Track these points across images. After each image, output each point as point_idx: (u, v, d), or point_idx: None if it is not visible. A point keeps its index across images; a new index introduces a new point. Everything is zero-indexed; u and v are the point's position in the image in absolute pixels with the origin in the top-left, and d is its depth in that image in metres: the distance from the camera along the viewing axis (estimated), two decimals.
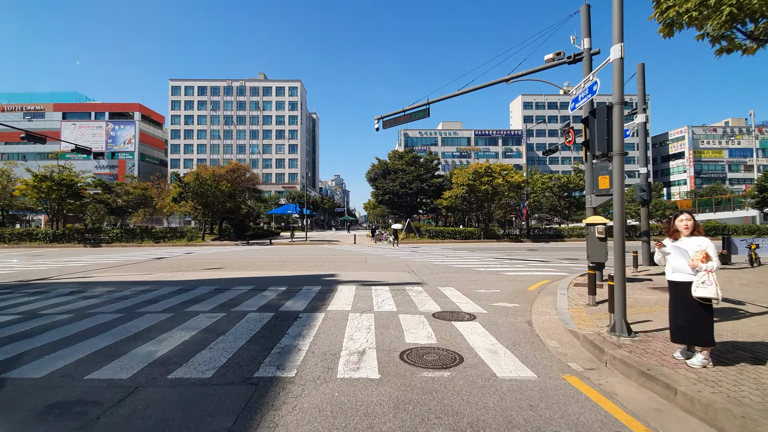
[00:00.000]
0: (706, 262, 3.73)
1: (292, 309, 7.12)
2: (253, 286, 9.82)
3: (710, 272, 3.72)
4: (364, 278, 11.26)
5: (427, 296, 8.47)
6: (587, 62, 10.97)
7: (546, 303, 7.82)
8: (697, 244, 3.89)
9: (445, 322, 6.25)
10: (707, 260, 3.74)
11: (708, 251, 3.78)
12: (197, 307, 7.36)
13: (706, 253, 3.77)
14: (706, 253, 3.77)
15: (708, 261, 3.74)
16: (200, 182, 29.60)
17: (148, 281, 11.03)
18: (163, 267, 14.53)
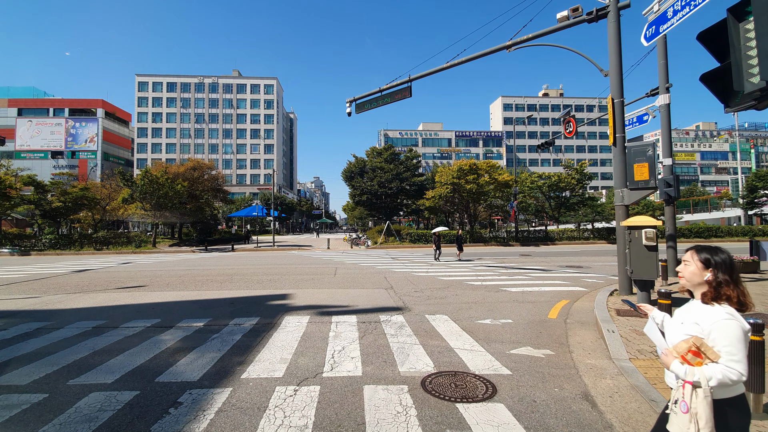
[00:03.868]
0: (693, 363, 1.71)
1: (180, 378, 4.15)
2: (158, 320, 6.75)
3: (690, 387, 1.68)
4: (326, 301, 8.37)
5: (411, 335, 5.68)
6: (614, 18, 8.51)
7: (590, 347, 5.17)
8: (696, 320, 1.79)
9: (446, 405, 3.47)
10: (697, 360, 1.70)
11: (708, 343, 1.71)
12: (10, 377, 4.29)
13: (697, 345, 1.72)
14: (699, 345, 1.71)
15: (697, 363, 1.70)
16: (150, 181, 25.85)
17: (7, 311, 7.77)
18: (66, 286, 11.16)
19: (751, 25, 2.97)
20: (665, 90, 11.19)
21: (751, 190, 35.35)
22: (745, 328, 1.73)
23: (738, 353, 1.67)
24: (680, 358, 1.77)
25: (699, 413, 1.67)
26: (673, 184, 10.13)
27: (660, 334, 1.98)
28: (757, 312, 6.53)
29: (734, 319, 1.73)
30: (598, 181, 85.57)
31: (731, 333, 1.70)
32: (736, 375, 1.65)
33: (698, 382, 1.69)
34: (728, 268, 1.83)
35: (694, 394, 1.70)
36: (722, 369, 1.67)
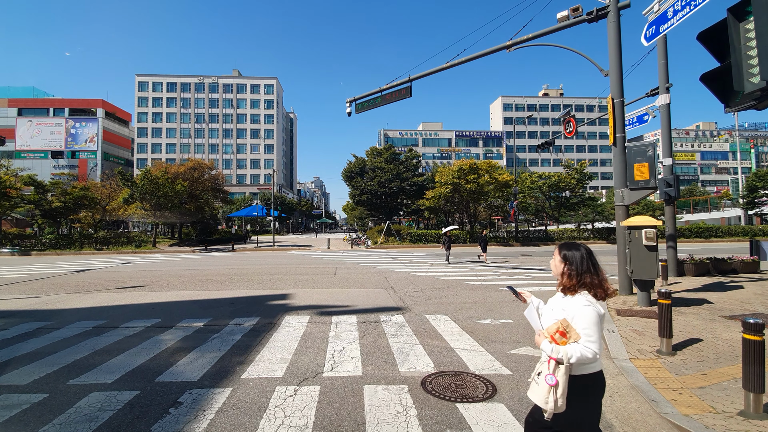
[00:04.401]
0: (559, 342, 1.97)
1: (180, 378, 4.15)
2: (158, 320, 6.75)
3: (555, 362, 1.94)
4: (326, 301, 8.37)
5: (411, 335, 5.68)
6: (614, 18, 8.51)
7: None
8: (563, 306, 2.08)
9: (446, 405, 3.47)
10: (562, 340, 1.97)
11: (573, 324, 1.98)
12: (11, 376, 4.29)
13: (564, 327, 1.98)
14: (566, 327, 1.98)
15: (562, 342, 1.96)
16: (150, 181, 25.83)
17: (7, 311, 7.78)
18: (66, 286, 11.17)
19: (751, 25, 2.97)
20: (665, 90, 11.18)
21: (751, 190, 35.34)
22: (600, 313, 2.00)
23: (594, 335, 1.93)
24: (549, 338, 2.00)
25: (561, 384, 1.92)
26: (673, 184, 10.14)
27: (537, 318, 2.18)
28: (757, 312, 6.54)
29: (592, 306, 2.00)
30: (598, 181, 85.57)
31: (589, 318, 1.96)
32: (591, 353, 1.90)
33: (561, 358, 1.92)
34: (581, 263, 2.12)
35: (557, 368, 1.94)
36: (581, 348, 1.91)
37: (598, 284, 2.08)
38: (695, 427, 3.01)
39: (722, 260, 11.73)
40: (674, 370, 4.21)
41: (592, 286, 2.07)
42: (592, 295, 2.07)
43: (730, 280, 10.46)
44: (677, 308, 6.79)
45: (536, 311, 2.23)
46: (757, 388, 3.08)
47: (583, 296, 2.06)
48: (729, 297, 7.92)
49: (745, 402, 3.17)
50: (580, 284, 2.08)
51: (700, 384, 3.83)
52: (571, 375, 1.97)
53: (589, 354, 1.90)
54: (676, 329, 5.35)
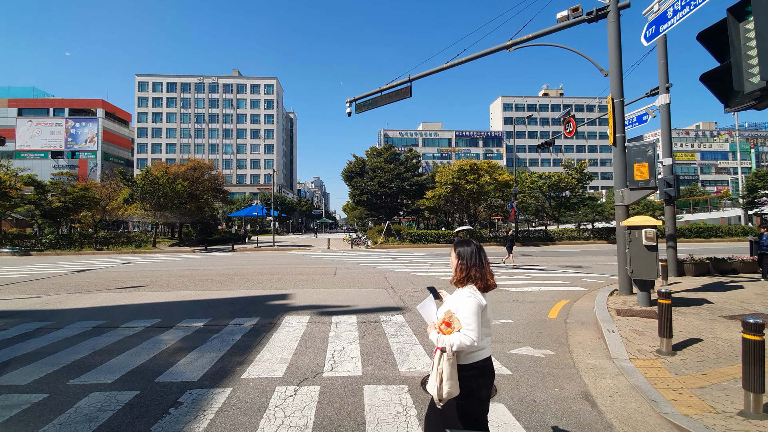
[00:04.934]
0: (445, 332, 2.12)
1: (180, 378, 4.15)
2: (158, 320, 6.75)
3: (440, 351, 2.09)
4: (326, 301, 8.37)
5: (411, 335, 5.68)
6: (614, 18, 8.51)
7: (590, 347, 5.17)
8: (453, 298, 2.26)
9: None
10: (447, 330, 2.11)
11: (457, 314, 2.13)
12: (11, 376, 4.29)
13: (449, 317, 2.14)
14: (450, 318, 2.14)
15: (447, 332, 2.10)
16: (150, 181, 25.82)
17: (7, 311, 7.78)
18: (66, 286, 11.17)
19: (751, 24, 2.97)
20: (665, 90, 11.18)
21: (751, 189, 35.36)
22: (482, 303, 2.13)
23: (472, 324, 2.06)
24: (437, 329, 2.15)
25: (443, 372, 2.04)
26: (673, 184, 10.14)
27: (434, 311, 2.29)
28: (757, 312, 6.54)
29: (473, 297, 2.14)
30: (598, 181, 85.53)
31: (469, 308, 2.09)
32: (469, 341, 2.02)
33: (444, 347, 2.05)
34: (470, 258, 2.27)
35: (442, 357, 2.06)
36: (461, 336, 2.03)
37: (480, 277, 2.23)
38: (695, 427, 3.01)
39: (722, 260, 11.73)
40: (674, 370, 4.21)
41: (476, 278, 2.22)
42: (477, 287, 2.22)
43: (730, 280, 10.46)
44: (677, 308, 6.79)
45: (434, 305, 2.33)
46: (757, 388, 3.08)
47: (468, 288, 2.21)
48: (729, 297, 7.92)
49: (745, 402, 3.17)
50: (467, 277, 2.24)
51: (700, 384, 3.83)
52: (459, 364, 2.11)
53: (467, 341, 2.02)
54: (676, 329, 5.35)
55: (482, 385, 2.18)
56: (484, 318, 2.17)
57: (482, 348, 2.16)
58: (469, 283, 2.23)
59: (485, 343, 2.20)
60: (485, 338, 2.19)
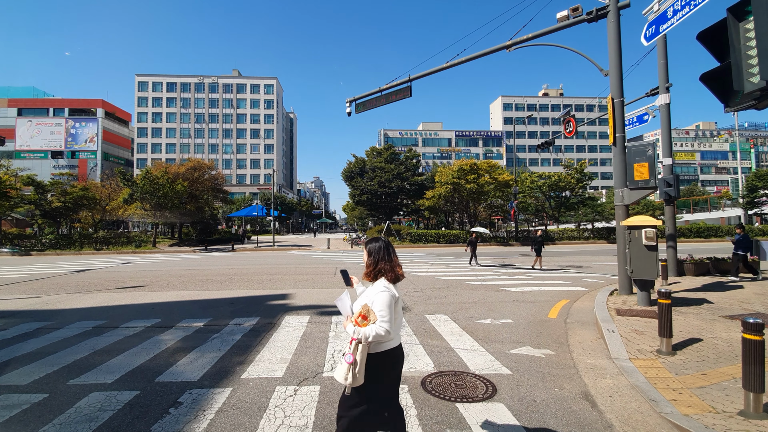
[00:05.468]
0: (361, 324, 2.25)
1: (180, 378, 4.15)
2: (158, 320, 6.75)
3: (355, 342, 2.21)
4: (326, 300, 8.37)
5: (411, 335, 5.68)
6: (614, 17, 8.51)
7: (590, 347, 5.17)
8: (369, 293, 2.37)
9: (446, 405, 3.47)
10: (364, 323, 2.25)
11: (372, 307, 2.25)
12: (11, 376, 4.29)
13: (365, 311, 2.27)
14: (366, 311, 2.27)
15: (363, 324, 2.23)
16: (150, 181, 25.81)
17: (7, 311, 7.78)
18: (66, 286, 11.17)
19: (751, 24, 2.97)
20: (665, 90, 11.18)
21: (751, 189, 35.37)
22: (395, 296, 2.28)
23: (387, 315, 2.18)
24: (354, 322, 2.28)
25: (359, 361, 2.17)
26: (673, 184, 10.15)
27: (349, 305, 2.41)
28: (757, 312, 6.54)
29: (388, 291, 2.26)
30: (598, 181, 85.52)
31: (383, 301, 2.21)
32: (383, 331, 2.15)
33: (360, 338, 2.17)
34: (378, 253, 2.41)
35: (357, 348, 2.18)
36: (376, 328, 2.16)
37: (389, 269, 2.37)
38: (695, 426, 3.01)
39: (722, 260, 11.73)
40: (674, 369, 4.21)
41: (385, 271, 2.36)
42: (388, 279, 2.35)
43: (729, 279, 10.46)
44: (677, 308, 6.79)
45: (350, 299, 2.44)
46: (757, 387, 3.08)
47: (381, 282, 2.34)
48: (729, 297, 7.92)
49: (745, 402, 3.17)
50: (377, 270, 2.38)
51: (700, 384, 3.83)
52: (373, 353, 2.25)
53: (382, 332, 2.15)
54: (676, 329, 5.35)
55: (393, 369, 2.35)
56: (397, 309, 2.32)
57: (394, 337, 2.32)
58: (380, 277, 2.37)
59: (398, 332, 2.37)
60: (397, 328, 2.35)
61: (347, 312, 2.39)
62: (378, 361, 2.27)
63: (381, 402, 2.33)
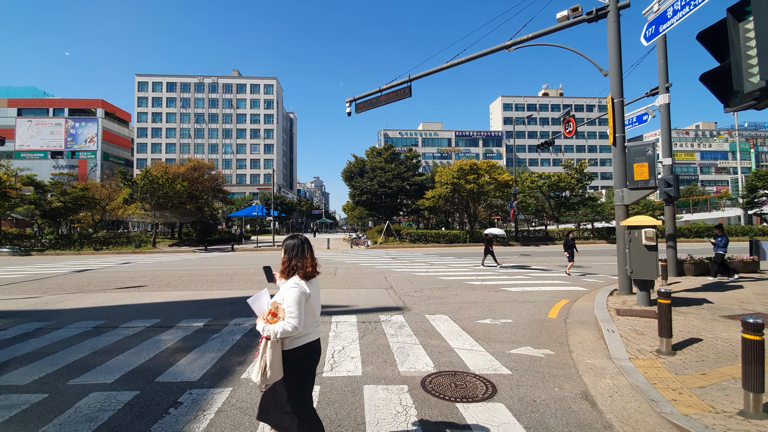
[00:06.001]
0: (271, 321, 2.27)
1: (180, 378, 4.15)
2: (158, 320, 6.75)
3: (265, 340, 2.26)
4: (326, 300, 8.37)
5: (410, 335, 5.68)
6: (613, 17, 8.52)
7: (590, 347, 5.17)
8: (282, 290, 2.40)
9: (446, 405, 3.47)
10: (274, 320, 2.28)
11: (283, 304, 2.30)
12: (11, 376, 4.29)
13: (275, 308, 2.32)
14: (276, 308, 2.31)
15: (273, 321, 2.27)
16: (150, 181, 25.82)
17: (7, 311, 7.77)
18: (66, 286, 11.17)
19: (750, 24, 2.97)
20: (665, 90, 11.18)
21: (751, 189, 35.38)
22: (305, 292, 2.33)
23: (295, 312, 2.23)
24: (264, 320, 2.27)
25: (268, 359, 2.20)
26: (673, 184, 10.15)
27: (266, 303, 2.40)
28: (756, 311, 6.54)
29: (297, 287, 2.31)
30: (598, 181, 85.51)
31: (292, 297, 2.25)
32: (291, 327, 2.20)
33: (269, 335, 2.21)
34: (292, 250, 2.46)
35: (267, 345, 2.21)
36: (284, 324, 2.20)
37: (301, 266, 2.42)
38: (695, 426, 3.01)
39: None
40: (674, 369, 4.21)
41: (298, 267, 2.41)
42: (300, 276, 2.39)
43: (729, 279, 10.46)
44: (677, 308, 6.79)
45: (267, 298, 2.44)
46: (757, 387, 3.08)
47: (293, 279, 2.39)
48: (729, 297, 7.92)
49: (745, 402, 3.17)
50: (290, 267, 2.42)
51: (699, 384, 3.83)
52: (287, 349, 2.30)
53: (289, 328, 2.20)
54: (675, 329, 5.35)
55: (308, 364, 2.42)
56: (309, 305, 2.37)
57: (308, 333, 2.38)
58: (293, 274, 2.42)
59: (311, 329, 2.41)
60: (311, 324, 2.41)
61: (263, 310, 2.38)
62: (295, 355, 2.33)
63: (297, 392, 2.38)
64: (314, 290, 2.44)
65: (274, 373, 2.23)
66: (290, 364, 2.32)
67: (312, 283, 2.45)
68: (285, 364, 2.29)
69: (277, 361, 2.24)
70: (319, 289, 2.58)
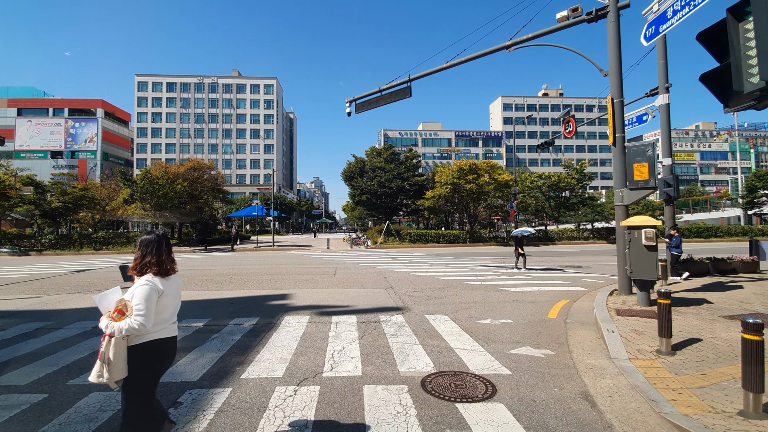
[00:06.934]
0: (117, 319, 2.22)
1: (180, 378, 4.16)
2: None
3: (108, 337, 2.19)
4: (326, 301, 8.37)
5: (410, 335, 5.68)
6: (613, 18, 8.52)
7: (590, 347, 5.17)
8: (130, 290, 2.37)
9: (445, 405, 3.47)
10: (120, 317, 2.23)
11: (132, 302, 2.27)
12: (10, 377, 4.29)
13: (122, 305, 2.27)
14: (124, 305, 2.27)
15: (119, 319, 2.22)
16: (150, 181, 25.81)
17: (7, 311, 7.77)
18: (65, 286, 11.16)
19: (750, 25, 2.97)
20: (665, 90, 11.18)
21: (751, 190, 35.41)
22: (158, 289, 2.30)
23: (143, 309, 2.21)
24: (108, 317, 2.23)
25: (112, 356, 2.15)
26: (673, 184, 10.14)
27: (113, 300, 2.34)
28: (756, 312, 6.54)
29: (149, 284, 2.29)
30: (598, 181, 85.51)
31: (142, 294, 2.23)
32: (138, 324, 2.17)
33: (113, 332, 2.17)
34: (147, 246, 2.42)
35: (110, 342, 2.17)
36: (131, 321, 2.18)
37: (155, 263, 2.38)
38: (695, 426, 3.01)
39: (722, 260, 11.74)
40: (674, 369, 4.21)
41: (151, 264, 2.37)
42: (153, 273, 2.35)
43: (729, 280, 10.47)
44: (677, 308, 6.80)
45: (117, 296, 2.40)
46: (757, 387, 3.08)
47: (146, 276, 2.35)
48: (728, 297, 7.93)
49: (745, 402, 3.18)
50: (143, 264, 2.38)
51: (699, 384, 3.83)
52: (135, 344, 2.27)
53: (136, 325, 2.17)
54: (675, 329, 5.35)
55: (158, 362, 2.39)
56: (162, 302, 2.34)
57: (159, 330, 2.35)
58: (146, 271, 2.37)
59: (162, 326, 2.38)
60: (163, 322, 2.38)
61: (109, 308, 2.32)
62: (140, 352, 2.29)
63: (142, 391, 2.35)
64: (171, 288, 2.41)
65: (117, 371, 2.18)
66: (134, 361, 2.28)
67: (170, 280, 2.43)
68: (130, 361, 2.26)
69: (121, 359, 2.20)
70: (179, 287, 2.56)
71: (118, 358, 2.19)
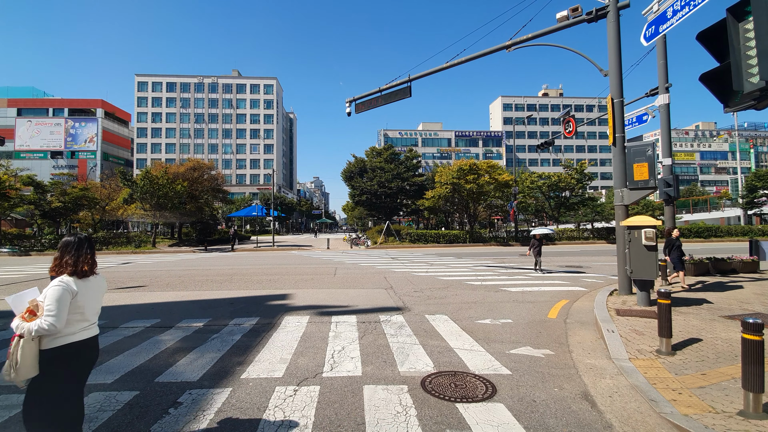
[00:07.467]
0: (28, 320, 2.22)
1: (180, 378, 4.16)
2: (158, 321, 6.75)
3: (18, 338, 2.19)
4: (326, 301, 8.37)
5: (410, 335, 5.68)
6: (613, 18, 8.52)
7: (590, 347, 5.17)
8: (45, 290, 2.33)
9: (445, 405, 3.47)
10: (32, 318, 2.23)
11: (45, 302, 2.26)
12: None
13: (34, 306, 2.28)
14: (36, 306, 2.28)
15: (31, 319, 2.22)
16: (150, 181, 25.81)
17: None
18: None
19: (750, 25, 2.97)
20: (665, 90, 11.17)
21: (751, 190, 35.42)
22: (72, 290, 2.29)
23: (54, 310, 2.20)
24: (21, 318, 2.22)
25: (21, 357, 2.14)
26: (673, 184, 10.14)
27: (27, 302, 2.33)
28: (756, 312, 6.54)
29: (61, 285, 2.27)
30: (598, 181, 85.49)
31: (53, 295, 2.22)
32: (47, 325, 2.16)
33: (23, 333, 2.15)
34: (66, 247, 2.41)
35: (19, 342, 2.15)
36: (41, 321, 2.16)
37: (71, 263, 2.37)
38: (695, 426, 3.01)
39: (722, 260, 11.74)
40: (674, 369, 4.21)
41: (67, 265, 2.36)
42: (68, 274, 2.34)
43: (729, 279, 10.47)
44: (677, 308, 6.80)
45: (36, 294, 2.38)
46: (757, 387, 3.08)
47: (60, 278, 2.33)
48: (728, 297, 7.93)
49: (745, 402, 3.18)
50: (60, 264, 2.37)
51: (699, 384, 3.83)
52: (48, 348, 2.24)
53: (46, 326, 2.16)
54: (675, 329, 5.35)
55: (76, 366, 2.37)
56: (76, 304, 2.32)
57: (74, 332, 2.33)
58: (62, 272, 2.36)
59: (77, 327, 2.35)
60: (78, 323, 2.35)
61: (22, 309, 2.30)
62: (55, 354, 2.27)
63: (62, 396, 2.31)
64: (89, 290, 2.41)
65: (25, 370, 2.16)
66: (49, 364, 2.25)
67: (87, 281, 2.42)
68: (44, 364, 2.23)
69: (30, 358, 2.18)
70: (100, 289, 2.56)
71: (27, 358, 2.17)
